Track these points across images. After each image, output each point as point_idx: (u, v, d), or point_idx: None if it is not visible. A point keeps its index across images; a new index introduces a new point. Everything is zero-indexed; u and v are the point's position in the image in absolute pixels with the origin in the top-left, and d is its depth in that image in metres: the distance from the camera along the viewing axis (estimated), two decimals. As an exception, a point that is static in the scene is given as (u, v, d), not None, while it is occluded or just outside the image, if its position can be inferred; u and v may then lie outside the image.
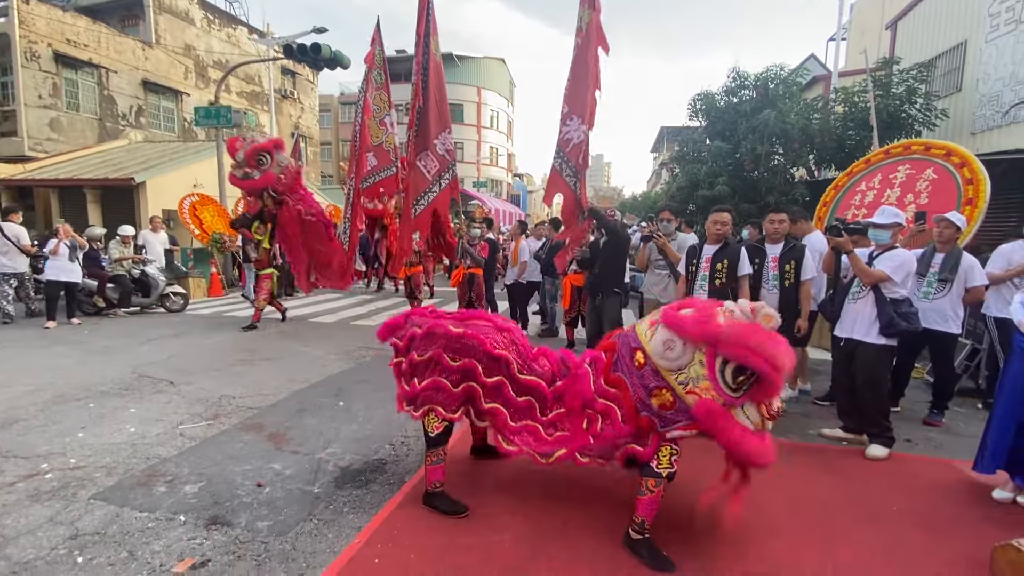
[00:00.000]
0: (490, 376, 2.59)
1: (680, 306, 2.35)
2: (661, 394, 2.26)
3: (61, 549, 2.35)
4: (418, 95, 6.06)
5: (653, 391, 2.27)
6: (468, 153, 34.19)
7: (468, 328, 2.63)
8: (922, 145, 6.18)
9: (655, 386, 2.27)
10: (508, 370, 2.60)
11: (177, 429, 3.75)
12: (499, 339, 2.65)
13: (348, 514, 2.69)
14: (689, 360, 2.18)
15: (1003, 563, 2.17)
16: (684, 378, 2.20)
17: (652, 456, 2.32)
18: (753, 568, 2.30)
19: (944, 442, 3.90)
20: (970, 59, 10.27)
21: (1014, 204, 7.69)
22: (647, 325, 2.39)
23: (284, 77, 23.19)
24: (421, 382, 2.62)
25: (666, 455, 2.32)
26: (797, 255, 4.25)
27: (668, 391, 2.24)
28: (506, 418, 2.58)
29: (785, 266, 4.26)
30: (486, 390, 2.60)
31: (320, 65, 10.43)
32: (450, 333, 2.59)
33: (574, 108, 5.18)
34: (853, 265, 3.58)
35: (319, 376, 5.17)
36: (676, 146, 15.59)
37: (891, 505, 2.90)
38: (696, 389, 2.16)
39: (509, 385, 2.60)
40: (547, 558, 2.33)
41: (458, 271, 7.15)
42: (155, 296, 8.55)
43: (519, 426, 2.57)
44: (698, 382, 2.16)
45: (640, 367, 2.31)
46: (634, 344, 2.38)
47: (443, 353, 2.59)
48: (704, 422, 2.16)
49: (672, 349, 2.21)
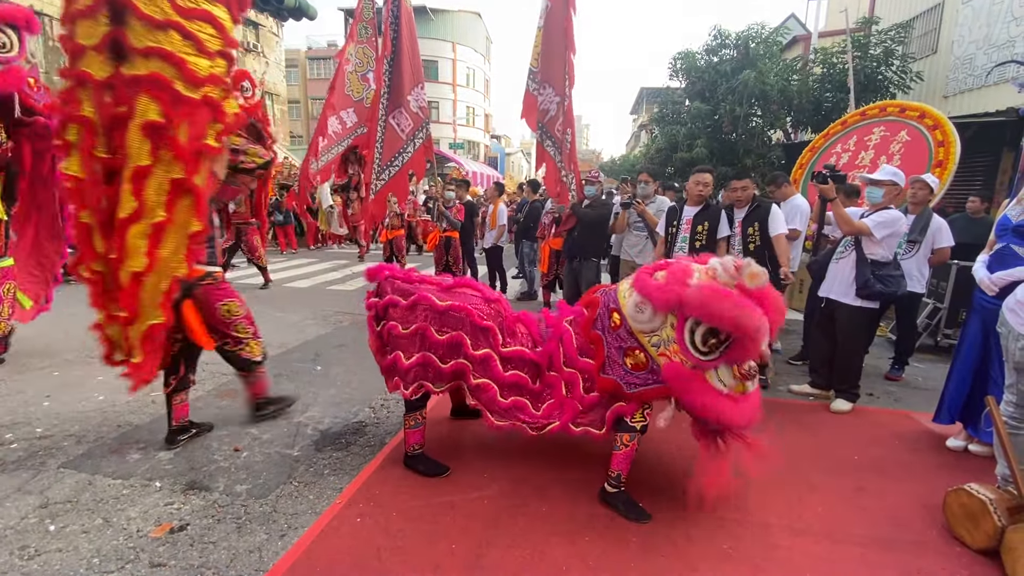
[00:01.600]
0: (477, 349, 2.52)
1: (655, 269, 2.34)
2: (635, 354, 2.29)
3: (32, 518, 2.30)
4: (387, 46, 5.77)
5: (627, 351, 2.30)
6: (444, 113, 33.12)
7: (454, 299, 2.56)
8: (897, 107, 6.23)
9: (629, 346, 2.29)
10: (493, 342, 2.54)
11: (149, 396, 3.66)
12: (486, 310, 2.59)
13: (329, 476, 2.69)
14: (661, 323, 2.20)
15: (955, 506, 2.31)
16: (657, 340, 2.22)
17: (632, 412, 2.35)
18: (725, 515, 2.40)
19: (903, 395, 4.10)
20: (947, 20, 10.28)
21: (980, 167, 7.89)
22: (628, 285, 2.38)
23: (245, 28, 21.74)
24: (408, 357, 2.53)
25: (639, 410, 2.37)
26: (760, 216, 3.97)
27: (641, 351, 2.27)
28: (495, 393, 2.52)
29: (748, 229, 4.01)
30: (474, 364, 2.53)
31: (284, 15, 9.86)
32: (436, 307, 2.52)
33: (546, 76, 5.06)
34: (835, 214, 3.53)
35: (296, 341, 5.09)
36: (656, 108, 15.41)
37: (853, 455, 3.05)
38: (667, 352, 2.19)
39: (497, 359, 2.53)
40: (527, 513, 2.39)
41: (434, 234, 7.03)
42: None
43: (508, 402, 2.51)
44: (669, 344, 2.18)
45: (616, 327, 2.33)
46: (612, 304, 2.38)
47: (429, 327, 2.51)
48: (672, 385, 2.18)
49: (643, 312, 2.22)
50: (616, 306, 2.35)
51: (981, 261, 2.90)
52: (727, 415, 2.13)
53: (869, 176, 3.62)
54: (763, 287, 2.08)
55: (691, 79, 11.91)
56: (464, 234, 6.87)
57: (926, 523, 2.40)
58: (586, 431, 2.44)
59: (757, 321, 1.99)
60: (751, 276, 2.08)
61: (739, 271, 2.10)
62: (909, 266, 4.14)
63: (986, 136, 7.48)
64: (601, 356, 2.36)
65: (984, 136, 7.46)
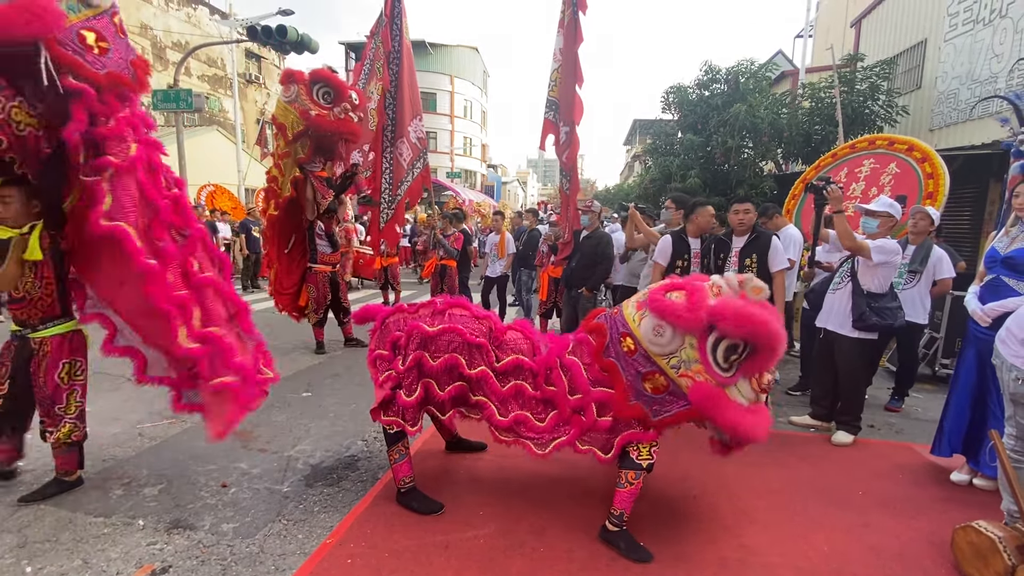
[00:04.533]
0: (473, 368, 2.47)
1: (666, 289, 2.27)
2: (654, 378, 2.23)
3: (8, 558, 2.20)
4: (387, 79, 5.90)
5: (646, 376, 2.24)
6: (442, 143, 33.73)
7: (445, 323, 2.53)
8: (886, 140, 6.35)
9: (647, 371, 2.23)
10: (487, 358, 2.49)
11: (136, 428, 3.58)
12: (476, 327, 2.54)
13: (319, 513, 2.61)
14: (680, 344, 2.15)
15: (963, 544, 2.25)
16: (676, 361, 2.16)
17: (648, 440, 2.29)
18: (728, 554, 2.33)
19: (904, 427, 4.05)
20: (930, 57, 10.62)
21: (967, 199, 8.04)
22: (634, 308, 2.33)
23: (248, 61, 22.35)
24: (410, 395, 2.46)
25: (646, 446, 2.31)
26: (760, 248, 3.81)
27: (661, 375, 2.21)
28: (493, 412, 2.47)
29: (745, 260, 3.82)
30: (472, 384, 2.49)
31: (286, 49, 10.03)
32: (426, 334, 2.49)
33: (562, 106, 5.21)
34: (838, 227, 3.43)
35: (288, 371, 5.02)
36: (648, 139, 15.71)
37: (857, 489, 2.99)
38: (689, 372, 2.13)
39: (492, 376, 2.48)
40: (524, 553, 2.31)
41: (431, 262, 7.04)
42: None
43: (509, 419, 2.45)
44: (690, 365, 2.13)
45: (631, 353, 2.26)
46: (623, 329, 2.31)
47: (423, 354, 2.48)
48: (701, 406, 2.12)
49: (662, 335, 2.17)
50: (627, 330, 2.28)
51: (973, 292, 2.91)
52: (752, 430, 2.12)
53: (865, 207, 3.64)
54: (764, 302, 2.09)
55: (683, 112, 12.17)
56: (459, 263, 6.88)
57: (935, 562, 2.33)
58: (591, 451, 2.36)
59: (781, 330, 2.03)
60: (754, 290, 2.07)
61: (741, 285, 2.10)
62: (911, 296, 4.10)
63: (972, 168, 7.64)
64: (621, 383, 2.29)
65: (970, 168, 7.62)
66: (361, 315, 2.90)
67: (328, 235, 5.60)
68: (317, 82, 4.62)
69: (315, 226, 5.47)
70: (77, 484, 2.78)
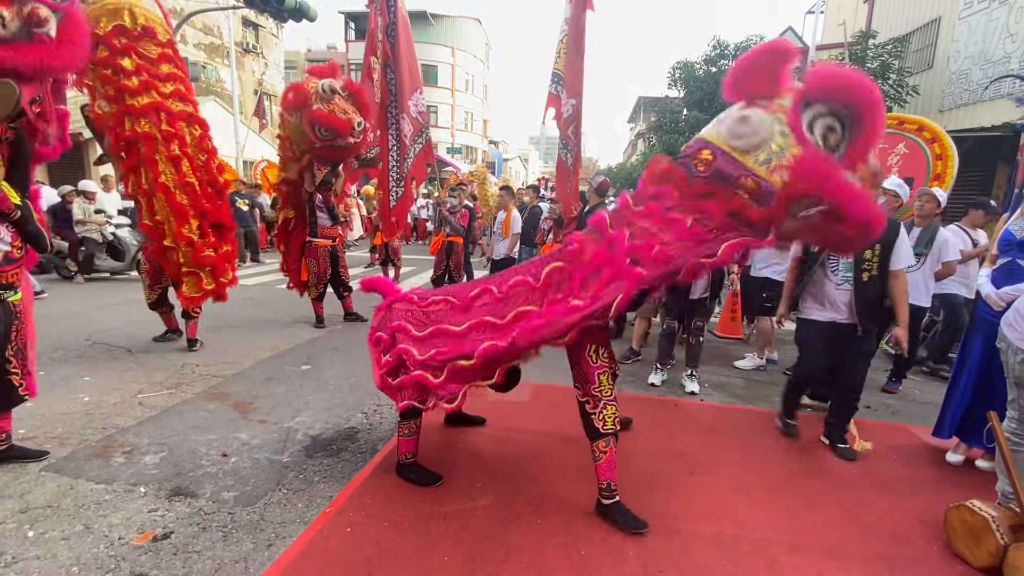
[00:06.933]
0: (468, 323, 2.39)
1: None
2: (743, 182, 1.99)
3: (10, 523, 2.22)
4: (386, 53, 5.74)
5: (735, 180, 2.00)
6: (442, 118, 33.20)
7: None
8: (895, 120, 6.25)
9: (736, 175, 1.99)
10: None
11: (136, 398, 3.59)
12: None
13: (319, 483, 2.63)
14: (768, 133, 1.94)
15: (956, 523, 2.27)
16: (765, 156, 1.94)
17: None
18: (723, 530, 2.35)
19: (900, 408, 4.07)
20: (943, 35, 10.38)
21: (975, 180, 7.95)
22: (712, 125, 2.17)
23: (246, 29, 21.81)
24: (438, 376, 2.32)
25: (610, 415, 2.31)
26: (887, 237, 2.91)
27: (747, 177, 1.97)
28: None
29: (865, 251, 2.99)
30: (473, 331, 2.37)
31: (284, 16, 9.76)
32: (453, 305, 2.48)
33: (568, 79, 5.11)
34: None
35: (288, 344, 5.02)
36: (653, 116, 15.47)
37: (851, 468, 3.01)
38: (781, 163, 1.91)
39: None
40: (521, 525, 2.33)
41: (437, 238, 6.98)
42: (129, 261, 7.93)
43: (509, 319, 2.28)
44: (783, 154, 1.91)
45: (707, 166, 2.04)
46: (696, 147, 2.11)
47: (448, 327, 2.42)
48: (808, 180, 1.85)
49: (747, 123, 1.98)
50: (702, 144, 2.09)
51: (985, 276, 2.87)
52: (870, 208, 1.90)
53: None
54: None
55: (690, 89, 11.97)
56: (465, 240, 6.82)
57: (927, 540, 2.36)
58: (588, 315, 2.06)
59: (877, 90, 1.90)
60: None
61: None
62: (915, 279, 4.03)
63: (981, 150, 7.54)
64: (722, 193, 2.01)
65: (979, 150, 7.52)
66: (368, 284, 2.87)
67: (328, 207, 5.54)
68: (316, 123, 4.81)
69: (314, 198, 5.41)
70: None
